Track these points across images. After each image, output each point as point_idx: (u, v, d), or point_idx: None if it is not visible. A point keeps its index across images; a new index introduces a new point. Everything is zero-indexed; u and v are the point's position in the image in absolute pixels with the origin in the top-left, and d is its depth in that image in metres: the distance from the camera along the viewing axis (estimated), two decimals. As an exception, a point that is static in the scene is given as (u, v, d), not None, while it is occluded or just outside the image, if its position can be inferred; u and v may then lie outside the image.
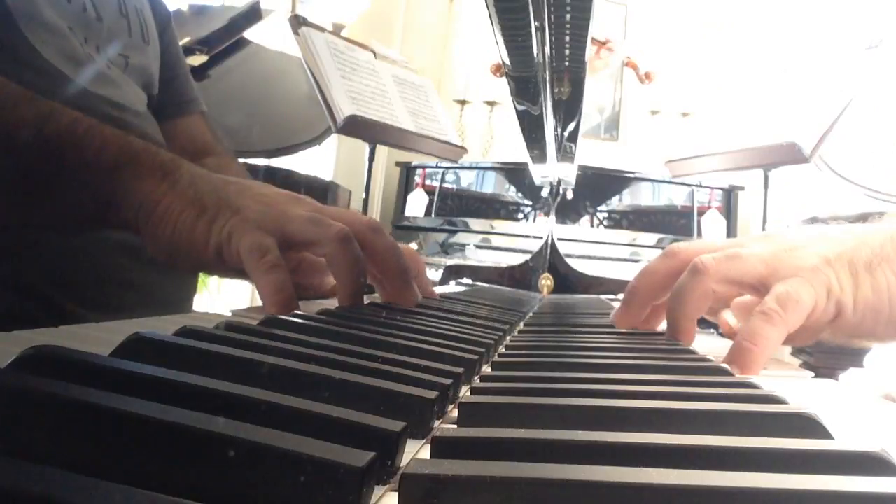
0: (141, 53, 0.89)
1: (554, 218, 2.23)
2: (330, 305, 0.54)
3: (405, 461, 0.21)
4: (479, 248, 2.54)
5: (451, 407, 0.31)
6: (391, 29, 3.45)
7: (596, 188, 2.67)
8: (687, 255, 0.54)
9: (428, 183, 2.93)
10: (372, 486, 0.18)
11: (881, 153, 2.19)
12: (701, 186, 2.66)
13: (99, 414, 0.18)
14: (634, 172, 2.75)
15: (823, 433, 0.25)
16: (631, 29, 3.85)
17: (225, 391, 0.22)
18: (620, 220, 2.70)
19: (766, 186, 1.89)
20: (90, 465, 0.16)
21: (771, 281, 0.49)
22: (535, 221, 2.64)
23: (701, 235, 2.61)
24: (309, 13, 2.32)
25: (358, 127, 1.82)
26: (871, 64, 1.71)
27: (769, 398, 0.30)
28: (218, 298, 2.76)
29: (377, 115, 1.90)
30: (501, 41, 0.80)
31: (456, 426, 0.26)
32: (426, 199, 2.89)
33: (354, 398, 0.24)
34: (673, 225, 2.68)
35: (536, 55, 0.82)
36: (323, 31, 1.91)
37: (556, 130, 1.11)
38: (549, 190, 1.93)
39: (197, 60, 2.09)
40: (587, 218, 2.68)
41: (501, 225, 2.63)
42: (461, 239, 2.62)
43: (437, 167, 2.89)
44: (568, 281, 2.21)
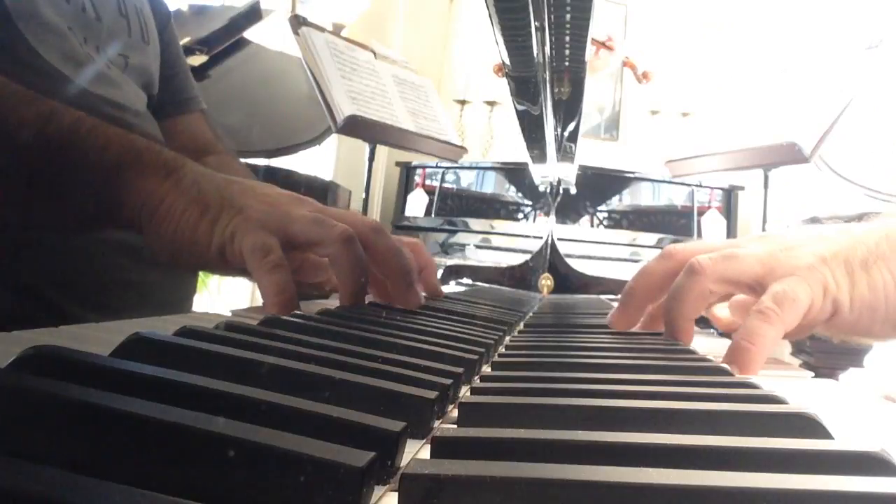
0: (141, 53, 0.89)
1: (554, 218, 2.23)
2: (330, 305, 0.54)
3: (405, 461, 0.21)
4: (479, 248, 2.54)
5: (451, 407, 0.31)
6: (391, 29, 3.45)
7: (596, 188, 2.67)
8: (684, 255, 0.54)
9: (428, 183, 2.93)
10: (372, 486, 0.18)
11: (881, 153, 2.19)
12: (701, 186, 2.66)
13: (99, 414, 0.18)
14: (634, 172, 2.75)
15: (823, 433, 0.25)
16: (631, 29, 3.85)
17: (225, 391, 0.22)
18: (620, 220, 2.70)
19: (766, 186, 1.89)
20: (90, 465, 0.16)
21: (768, 280, 0.49)
22: (535, 221, 2.64)
23: (701, 235, 2.60)
24: (309, 13, 2.32)
25: (358, 127, 1.82)
26: (871, 64, 1.71)
27: (769, 398, 0.30)
28: (218, 298, 2.76)
29: (377, 115, 1.90)
30: (501, 41, 0.80)
31: (456, 426, 0.26)
32: (426, 199, 2.89)
33: (354, 398, 0.24)
34: (673, 225, 2.68)
35: (536, 55, 0.82)
36: (323, 31, 1.91)
37: (556, 130, 1.11)
38: (548, 190, 1.93)
39: (197, 60, 2.08)
40: (587, 218, 2.69)
41: (501, 225, 2.63)
42: (461, 239, 2.62)
43: (437, 167, 2.89)
44: (568, 281, 2.21)
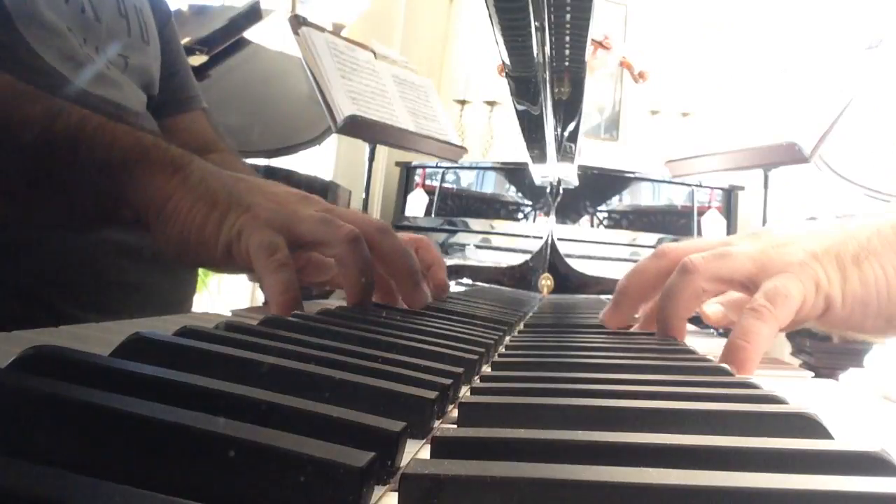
0: (140, 53, 0.89)
1: (554, 218, 2.23)
2: (330, 305, 0.54)
3: (405, 461, 0.21)
4: (479, 248, 2.54)
5: (451, 407, 0.31)
6: (391, 29, 3.45)
7: (596, 188, 2.67)
8: (676, 254, 0.54)
9: (428, 183, 2.93)
10: (372, 486, 0.18)
11: (881, 153, 2.19)
12: (701, 186, 2.66)
13: (99, 414, 0.18)
14: (634, 172, 2.75)
15: (823, 433, 0.25)
16: (631, 29, 3.85)
17: (225, 391, 0.22)
18: (620, 220, 2.70)
19: (766, 186, 1.89)
20: (90, 465, 0.16)
21: (760, 278, 0.49)
22: (535, 221, 2.64)
23: (701, 235, 2.60)
24: (309, 13, 2.32)
25: (358, 127, 1.82)
26: (871, 64, 1.71)
27: (769, 398, 0.30)
28: (218, 298, 2.76)
29: (377, 115, 1.90)
30: (501, 41, 0.80)
31: (456, 426, 0.26)
32: (426, 199, 2.89)
33: (354, 398, 0.24)
34: (673, 225, 2.68)
35: (536, 55, 0.82)
36: (323, 31, 1.91)
37: (556, 130, 1.11)
38: (549, 189, 1.93)
39: (197, 60, 2.08)
40: (587, 218, 2.68)
41: (501, 225, 2.62)
42: (461, 239, 2.62)
43: (437, 167, 2.89)
44: (568, 281, 2.21)
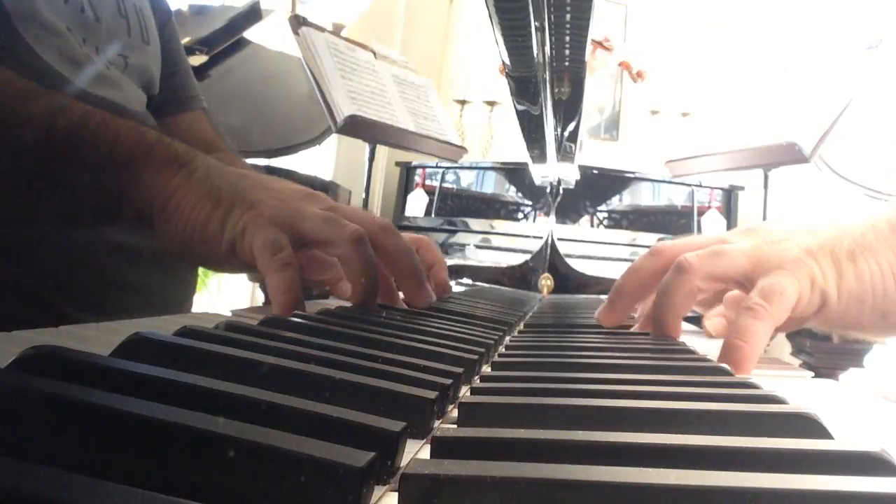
0: (140, 53, 0.89)
1: (554, 218, 2.24)
2: (330, 305, 0.54)
3: (405, 461, 0.21)
4: (479, 248, 2.54)
5: (451, 407, 0.31)
6: (391, 29, 3.45)
7: (596, 188, 2.67)
8: (672, 253, 0.54)
9: (428, 183, 2.93)
10: (372, 486, 0.18)
11: (881, 153, 2.19)
12: (701, 186, 2.66)
13: (99, 414, 0.18)
14: (634, 172, 2.75)
15: (823, 433, 0.25)
16: (631, 29, 3.85)
17: (225, 391, 0.22)
18: (620, 220, 2.70)
19: (766, 186, 1.89)
20: (90, 465, 0.16)
21: (755, 275, 0.49)
22: (535, 221, 2.64)
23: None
24: (309, 13, 2.32)
25: (358, 127, 1.82)
26: (871, 64, 1.71)
27: (769, 398, 0.30)
28: (218, 298, 2.76)
29: (377, 115, 1.90)
30: (501, 41, 0.80)
31: (456, 426, 0.26)
32: (426, 199, 2.89)
33: (354, 398, 0.24)
34: (673, 225, 2.68)
35: (536, 55, 0.82)
36: (323, 31, 1.91)
37: (556, 130, 1.11)
38: (549, 189, 1.93)
39: (197, 60, 2.08)
40: (587, 218, 2.68)
41: (501, 225, 2.63)
42: (461, 239, 2.62)
43: (437, 167, 2.89)
44: (568, 281, 2.22)
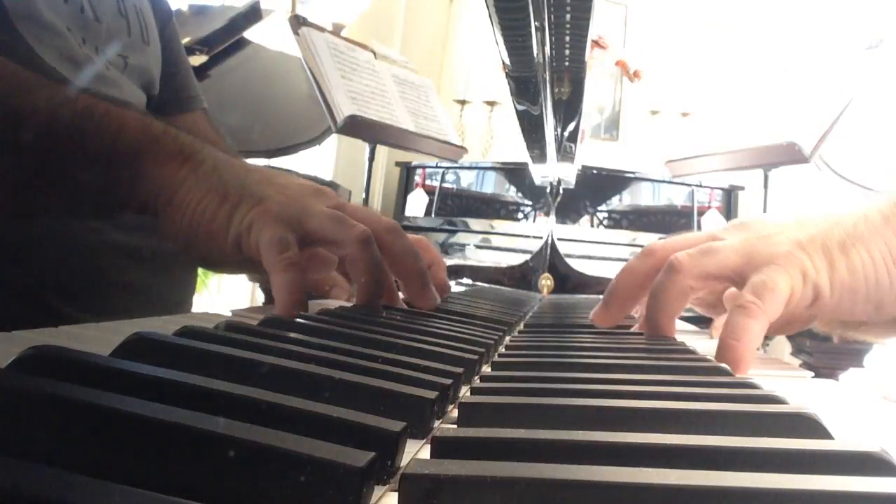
0: (140, 54, 0.89)
1: (554, 218, 2.24)
2: (330, 305, 0.54)
3: (405, 461, 0.21)
4: (479, 248, 2.54)
5: (451, 407, 0.31)
6: (391, 29, 3.45)
7: (596, 188, 2.67)
8: (664, 253, 0.54)
9: (428, 183, 2.93)
10: (372, 486, 0.18)
11: (881, 153, 2.19)
12: (701, 186, 2.66)
13: (99, 414, 0.18)
14: (634, 172, 2.75)
15: (823, 433, 0.25)
16: (631, 29, 3.85)
17: (225, 391, 0.22)
18: (620, 220, 2.70)
19: (766, 186, 1.89)
20: (90, 465, 0.16)
21: (747, 271, 0.49)
22: (535, 221, 2.64)
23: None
24: (309, 13, 2.32)
25: (358, 127, 1.82)
26: (871, 64, 1.71)
27: (769, 398, 0.30)
28: (218, 298, 2.76)
29: (377, 115, 1.90)
30: (501, 41, 0.80)
31: (456, 426, 0.26)
32: (426, 199, 2.89)
33: (354, 398, 0.24)
34: (673, 225, 2.68)
35: (536, 55, 0.82)
36: (323, 31, 1.91)
37: (556, 130, 1.11)
38: (549, 189, 1.93)
39: (197, 60, 2.08)
40: (587, 218, 2.68)
41: (501, 225, 2.62)
42: (461, 239, 2.62)
43: (437, 167, 2.89)
44: (568, 281, 2.22)
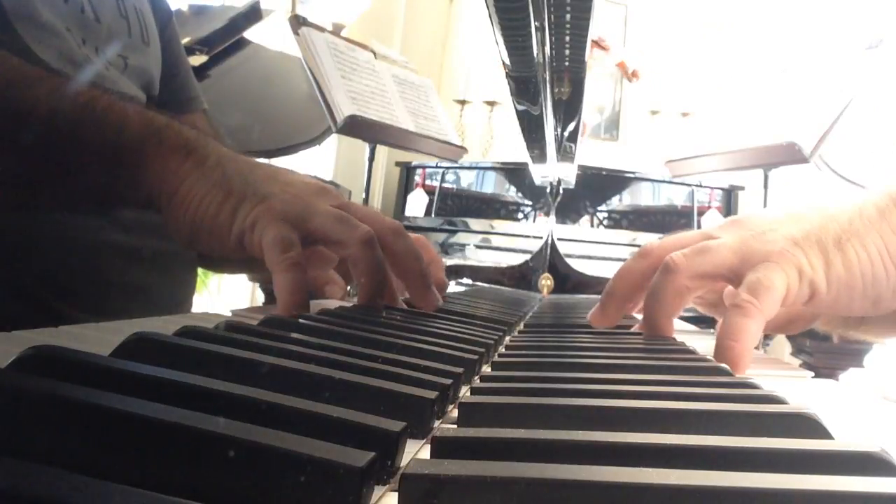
0: (140, 54, 0.89)
1: (554, 218, 2.24)
2: (330, 305, 0.54)
3: (405, 461, 0.21)
4: (479, 248, 2.54)
5: (451, 407, 0.31)
6: (391, 29, 3.45)
7: (596, 188, 2.67)
8: (660, 253, 0.54)
9: (428, 183, 2.93)
10: (372, 486, 0.18)
11: (881, 153, 2.19)
12: (701, 186, 2.66)
13: (99, 414, 0.18)
14: (634, 172, 2.75)
15: (823, 433, 0.25)
16: (631, 29, 3.85)
17: (225, 391, 0.22)
18: (620, 220, 2.70)
19: (766, 186, 1.89)
20: (90, 465, 0.16)
21: (743, 269, 0.49)
22: (535, 221, 2.64)
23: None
24: (309, 13, 2.32)
25: (358, 127, 1.82)
26: (871, 64, 1.71)
27: (769, 398, 0.29)
28: (218, 298, 2.76)
29: (377, 115, 1.90)
30: (501, 41, 0.80)
31: (456, 426, 0.26)
32: (426, 199, 2.89)
33: (354, 398, 0.24)
34: (673, 225, 2.68)
35: (536, 55, 0.82)
36: (323, 31, 1.91)
37: (556, 130, 1.11)
38: (549, 189, 1.93)
39: (197, 60, 2.08)
40: (587, 218, 2.69)
41: (501, 225, 2.63)
42: (461, 239, 2.62)
43: (437, 167, 2.89)
44: (568, 281, 2.22)
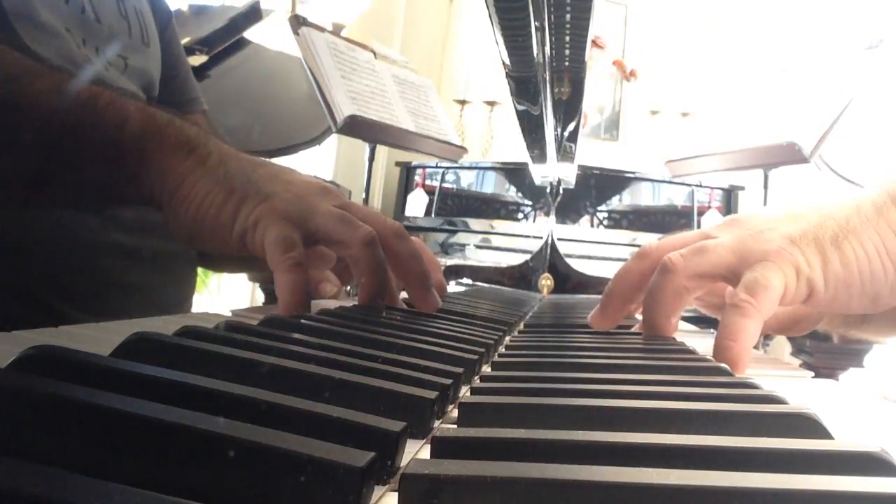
0: (141, 55, 0.89)
1: (554, 218, 2.24)
2: (330, 305, 0.54)
3: (405, 461, 0.21)
4: (479, 248, 2.54)
5: (451, 407, 0.31)
6: (391, 29, 3.45)
7: (596, 188, 2.67)
8: (658, 253, 0.54)
9: (428, 183, 2.93)
10: (372, 486, 0.18)
11: (881, 153, 2.19)
12: (701, 186, 2.66)
13: (100, 414, 0.18)
14: (634, 172, 2.75)
15: (823, 433, 0.25)
16: (631, 29, 3.85)
17: (225, 391, 0.22)
18: (620, 220, 2.70)
19: (766, 186, 1.89)
20: (90, 465, 0.16)
21: (740, 268, 0.49)
22: (535, 221, 2.64)
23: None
24: (309, 13, 2.32)
25: (358, 127, 1.82)
26: (870, 64, 1.71)
27: (769, 398, 0.30)
28: (218, 298, 2.76)
29: (377, 115, 1.90)
30: (501, 41, 0.80)
31: (456, 426, 0.26)
32: (426, 199, 2.89)
33: (354, 398, 0.24)
34: (673, 225, 2.68)
35: (536, 55, 0.82)
36: (323, 31, 1.91)
37: (556, 130, 1.11)
38: (549, 189, 1.93)
39: (197, 60, 2.08)
40: (587, 218, 2.68)
41: (501, 225, 2.63)
42: (461, 239, 2.62)
43: (437, 167, 2.89)
44: (568, 281, 2.22)
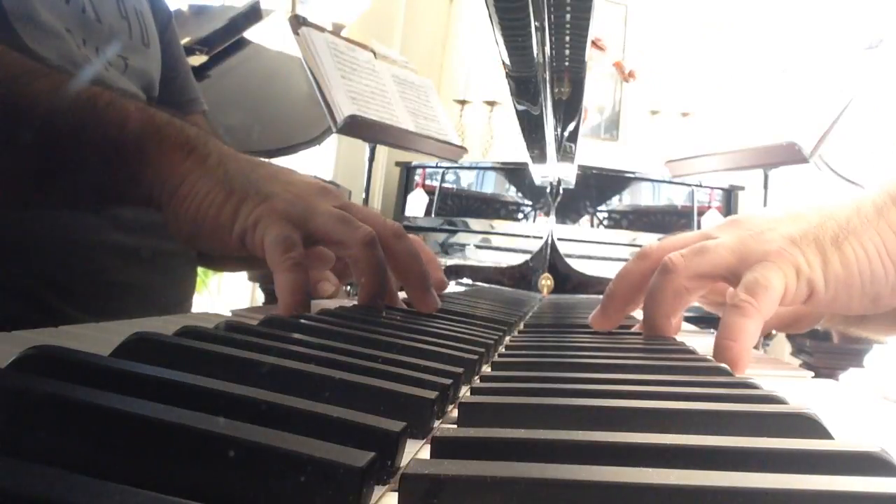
0: (141, 56, 0.89)
1: (554, 218, 2.24)
2: (329, 305, 0.54)
3: (405, 461, 0.21)
4: (479, 248, 2.54)
5: (451, 407, 0.31)
6: (391, 29, 3.45)
7: (596, 188, 2.67)
8: (659, 254, 0.54)
9: (428, 183, 2.93)
10: (372, 486, 0.18)
11: (881, 153, 2.19)
12: (701, 186, 2.66)
13: (100, 414, 0.18)
14: (634, 172, 2.75)
15: (823, 433, 0.25)
16: (631, 29, 3.85)
17: (225, 391, 0.22)
18: (620, 220, 2.70)
19: (766, 186, 1.89)
20: (90, 465, 0.16)
21: (741, 269, 0.49)
22: (535, 221, 2.64)
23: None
24: (309, 13, 2.32)
25: (358, 127, 1.82)
26: (870, 64, 1.71)
27: (769, 398, 0.30)
28: (218, 298, 2.76)
29: (377, 115, 1.90)
30: (501, 41, 0.80)
31: (456, 426, 0.26)
32: (426, 199, 2.89)
33: (354, 398, 0.24)
34: (673, 225, 2.68)
35: (536, 55, 0.82)
36: (323, 31, 1.91)
37: (556, 130, 1.11)
38: (549, 189, 1.93)
39: (197, 60, 2.08)
40: (587, 218, 2.68)
41: (501, 225, 2.63)
42: (461, 239, 2.62)
43: (437, 167, 2.89)
44: (568, 281, 2.22)
